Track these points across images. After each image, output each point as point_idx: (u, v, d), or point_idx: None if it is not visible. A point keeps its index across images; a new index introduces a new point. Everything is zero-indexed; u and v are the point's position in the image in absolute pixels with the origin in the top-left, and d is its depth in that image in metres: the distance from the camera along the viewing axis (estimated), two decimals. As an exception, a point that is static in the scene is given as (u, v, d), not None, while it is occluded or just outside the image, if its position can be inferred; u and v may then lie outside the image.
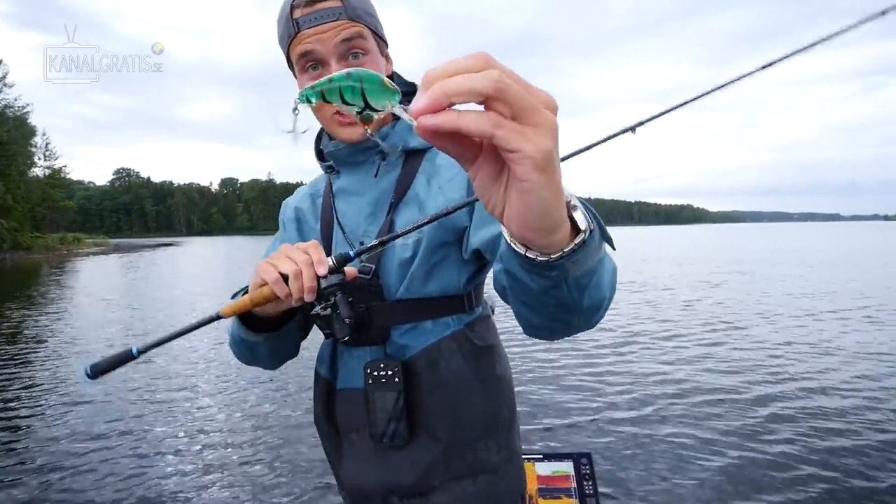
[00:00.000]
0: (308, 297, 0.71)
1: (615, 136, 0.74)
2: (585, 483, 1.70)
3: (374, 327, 0.88)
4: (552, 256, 0.45)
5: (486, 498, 0.90)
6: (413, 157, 0.93)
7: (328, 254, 0.86)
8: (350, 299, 0.81)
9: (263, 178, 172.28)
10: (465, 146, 0.36)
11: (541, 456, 1.79)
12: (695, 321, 7.66)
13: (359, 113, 0.37)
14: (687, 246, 32.26)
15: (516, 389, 1.00)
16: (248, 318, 0.84)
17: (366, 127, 0.39)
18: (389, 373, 0.86)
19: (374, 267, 0.88)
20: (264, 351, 0.89)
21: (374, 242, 0.73)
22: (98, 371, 0.69)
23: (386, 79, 0.36)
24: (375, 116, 0.38)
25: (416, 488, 0.88)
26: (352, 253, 0.72)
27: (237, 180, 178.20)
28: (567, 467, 1.75)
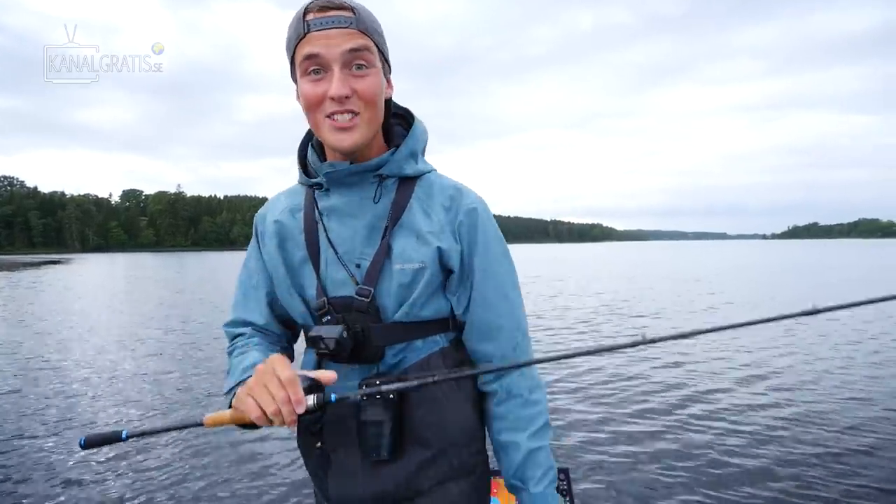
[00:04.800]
0: (290, 427, 0.76)
1: (792, 315, 0.84)
2: (563, 498, 1.72)
3: (370, 347, 0.90)
4: None
5: (468, 498, 0.96)
6: (406, 182, 0.95)
7: (318, 273, 0.93)
8: (346, 324, 0.89)
9: (172, 189, 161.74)
10: None
11: None
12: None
13: None
14: (626, 263, 34.31)
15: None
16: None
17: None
18: (385, 389, 0.84)
19: (372, 290, 0.89)
20: None
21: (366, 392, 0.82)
22: (91, 444, 0.78)
23: None
24: None
25: (406, 494, 0.93)
26: (333, 398, 0.76)
27: (141, 192, 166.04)
28: None
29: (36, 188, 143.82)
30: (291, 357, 1.00)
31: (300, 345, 1.07)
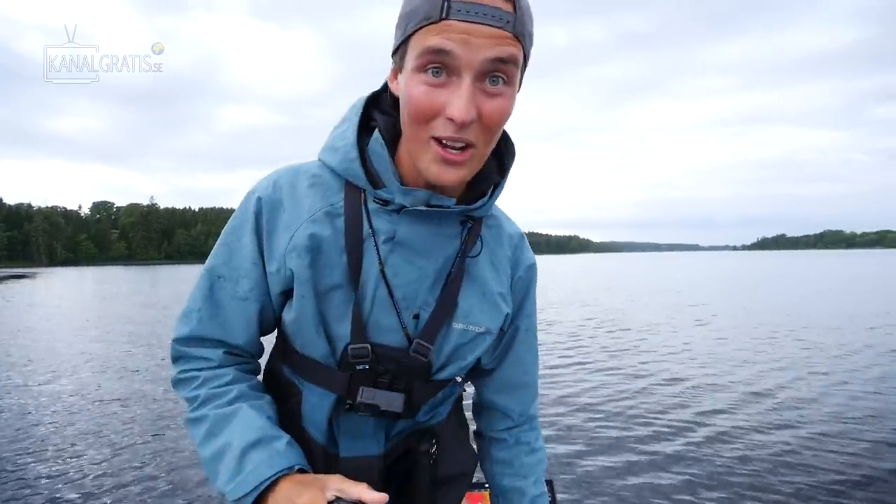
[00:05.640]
0: None
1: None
2: None
3: (410, 406, 0.78)
4: None
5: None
6: (476, 223, 0.78)
7: (363, 316, 0.74)
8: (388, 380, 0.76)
9: (145, 202, 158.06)
10: None
11: None
12: (652, 347, 7.97)
13: None
14: (610, 274, 34.97)
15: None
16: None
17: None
18: (427, 443, 0.82)
19: (431, 347, 0.76)
20: None
21: None
22: None
23: None
24: None
25: None
26: None
27: (113, 204, 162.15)
28: None
29: (0, 200, 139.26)
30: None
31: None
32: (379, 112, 0.77)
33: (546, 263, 73.61)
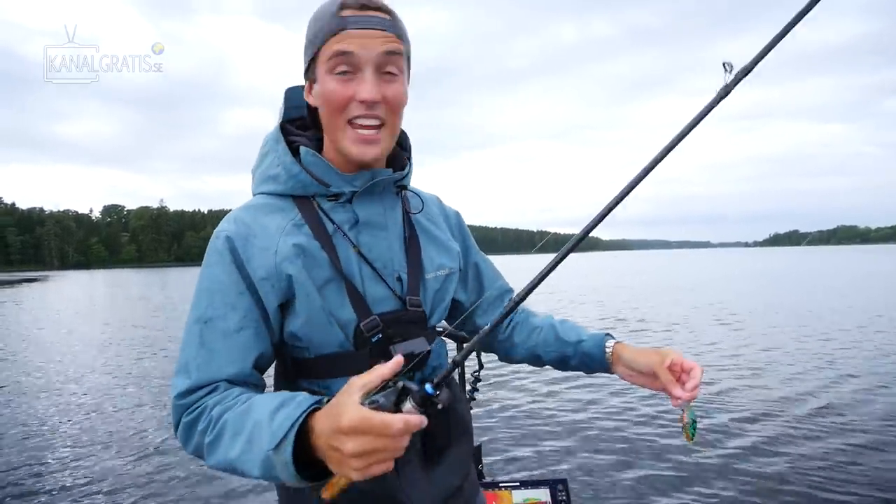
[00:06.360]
0: None
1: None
2: None
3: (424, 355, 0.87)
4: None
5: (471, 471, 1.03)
6: (405, 191, 0.97)
7: (360, 292, 0.85)
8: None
9: (155, 205, 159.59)
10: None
11: (517, 483, 1.83)
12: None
13: None
14: (630, 273, 34.34)
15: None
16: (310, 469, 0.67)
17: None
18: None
19: (420, 299, 0.90)
20: None
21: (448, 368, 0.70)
22: None
23: None
24: None
25: (451, 493, 0.93)
26: (430, 389, 0.65)
27: (123, 207, 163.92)
28: (543, 494, 1.79)
29: (13, 204, 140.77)
30: None
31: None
32: (293, 136, 0.90)
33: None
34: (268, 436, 0.65)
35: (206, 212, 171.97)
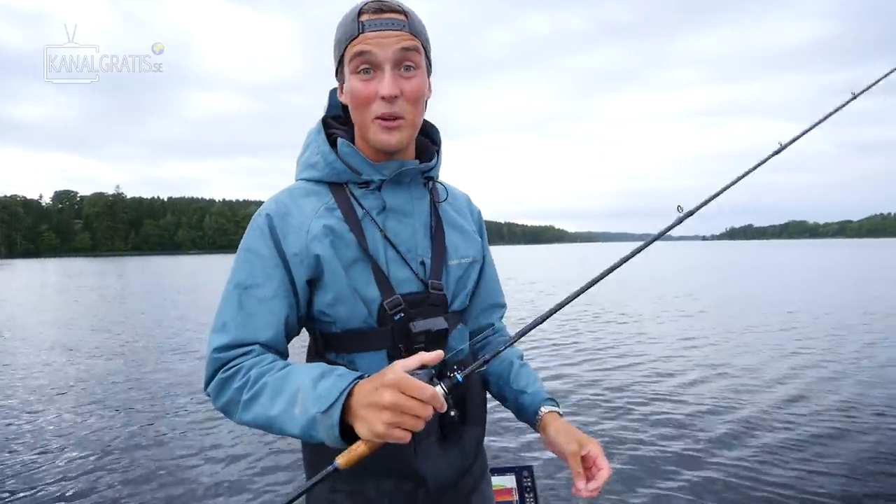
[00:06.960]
0: None
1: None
2: (527, 496, 1.74)
3: (445, 337, 0.94)
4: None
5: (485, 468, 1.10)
6: (434, 182, 1.04)
7: (385, 272, 0.92)
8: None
9: (110, 191, 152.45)
10: None
11: None
12: (627, 332, 8.24)
13: None
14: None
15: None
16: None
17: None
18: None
19: (442, 284, 0.97)
20: None
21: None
22: None
23: None
24: None
25: (466, 469, 1.01)
26: (459, 377, 0.75)
27: (76, 193, 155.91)
28: (509, 481, 1.81)
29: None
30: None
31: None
32: (333, 129, 1.00)
33: (519, 254, 74.04)
34: (314, 399, 0.75)
35: (165, 199, 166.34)
